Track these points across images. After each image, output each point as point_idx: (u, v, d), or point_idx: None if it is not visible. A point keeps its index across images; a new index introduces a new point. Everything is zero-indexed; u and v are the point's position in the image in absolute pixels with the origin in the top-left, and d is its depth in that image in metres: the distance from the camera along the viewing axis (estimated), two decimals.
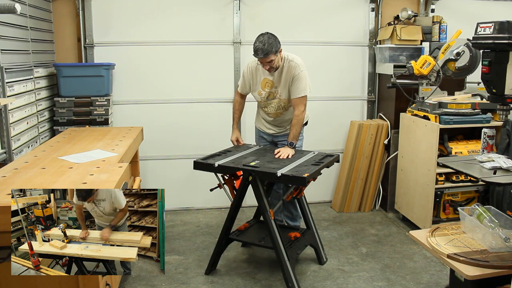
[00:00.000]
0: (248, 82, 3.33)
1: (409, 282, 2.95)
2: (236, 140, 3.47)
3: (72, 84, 3.67)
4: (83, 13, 3.92)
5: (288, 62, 3.18)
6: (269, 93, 3.27)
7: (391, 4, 4.31)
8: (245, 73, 3.33)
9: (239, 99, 3.46)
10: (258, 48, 3.02)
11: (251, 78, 3.30)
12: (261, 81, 3.26)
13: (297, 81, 3.16)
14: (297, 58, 3.22)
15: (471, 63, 3.42)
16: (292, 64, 3.17)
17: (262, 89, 3.27)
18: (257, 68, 3.26)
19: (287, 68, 3.18)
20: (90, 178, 2.17)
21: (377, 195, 4.31)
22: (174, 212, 4.25)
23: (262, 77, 3.25)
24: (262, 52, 3.01)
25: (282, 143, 3.40)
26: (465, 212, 2.38)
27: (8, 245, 1.79)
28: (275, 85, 3.23)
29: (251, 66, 3.30)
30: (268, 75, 3.22)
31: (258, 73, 3.26)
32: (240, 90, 3.42)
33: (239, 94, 3.46)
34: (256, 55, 3.05)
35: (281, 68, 3.19)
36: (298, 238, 3.06)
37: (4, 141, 2.75)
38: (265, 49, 3.00)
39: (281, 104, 3.28)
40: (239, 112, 3.49)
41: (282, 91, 3.24)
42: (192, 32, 4.08)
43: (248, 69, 3.32)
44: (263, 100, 3.32)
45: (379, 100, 4.43)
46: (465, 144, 3.61)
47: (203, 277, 3.05)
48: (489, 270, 2.03)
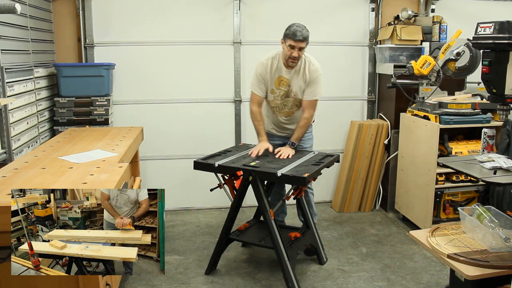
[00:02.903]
0: (262, 80, 3.19)
1: (409, 282, 2.95)
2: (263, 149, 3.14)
3: (72, 84, 3.67)
4: (83, 13, 3.92)
5: (308, 63, 3.14)
6: (283, 91, 3.20)
7: (391, 4, 4.31)
8: (260, 71, 3.19)
9: (258, 109, 3.23)
10: (297, 30, 2.96)
11: (266, 75, 3.18)
12: (275, 79, 3.19)
13: (315, 84, 3.13)
14: (315, 60, 3.18)
15: (471, 63, 3.42)
16: (312, 68, 3.13)
17: (276, 87, 3.20)
18: (272, 64, 3.16)
19: (307, 69, 3.13)
20: (90, 178, 2.17)
21: (377, 195, 4.31)
22: (174, 212, 4.25)
23: (276, 75, 3.18)
24: (301, 34, 2.96)
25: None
26: (465, 212, 2.38)
27: (8, 245, 1.79)
28: (289, 83, 3.17)
29: (265, 63, 3.17)
30: (284, 73, 3.15)
31: (273, 70, 3.17)
32: (257, 92, 3.22)
33: (256, 102, 3.23)
34: (295, 37, 2.96)
35: (299, 67, 3.13)
36: (298, 238, 3.06)
37: (4, 141, 2.75)
38: (304, 33, 2.97)
39: (295, 103, 3.24)
40: (263, 122, 3.25)
41: (297, 91, 3.18)
42: (192, 32, 4.08)
43: (261, 66, 3.19)
44: (276, 99, 3.24)
45: (379, 100, 4.43)
46: (465, 144, 3.61)
47: (203, 277, 3.05)
48: (489, 270, 2.03)
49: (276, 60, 3.17)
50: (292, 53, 3.02)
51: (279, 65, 3.16)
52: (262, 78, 3.20)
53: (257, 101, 3.25)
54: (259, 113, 3.24)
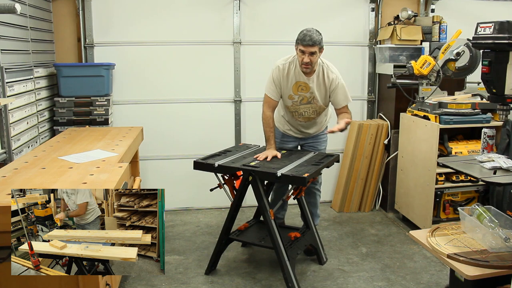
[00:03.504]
0: (278, 84, 3.09)
1: (409, 282, 2.95)
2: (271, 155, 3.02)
3: (72, 84, 3.67)
4: (83, 13, 3.92)
5: (327, 70, 3.07)
6: (303, 97, 3.11)
7: (391, 4, 4.31)
8: (275, 75, 3.08)
9: (270, 114, 3.11)
10: (306, 35, 2.88)
11: (282, 80, 3.08)
12: (293, 84, 3.10)
13: (340, 91, 3.08)
14: (333, 67, 3.13)
15: (471, 63, 3.42)
16: (331, 75, 3.07)
17: (294, 93, 3.11)
18: (289, 69, 3.06)
19: (326, 76, 3.07)
20: (90, 178, 2.17)
21: (377, 195, 4.31)
22: (174, 212, 4.25)
23: (294, 80, 3.08)
24: (310, 39, 2.87)
25: (308, 145, 3.38)
26: (465, 212, 2.38)
27: (8, 245, 1.79)
28: (310, 90, 3.08)
29: (281, 67, 3.08)
30: (304, 79, 3.07)
31: (290, 75, 3.07)
32: (272, 96, 3.11)
33: (270, 106, 3.12)
34: (303, 41, 2.88)
35: (318, 73, 3.06)
36: (298, 238, 3.06)
37: (4, 141, 2.75)
38: (313, 37, 2.88)
39: (316, 110, 3.18)
40: (274, 129, 3.15)
41: (319, 97, 3.12)
42: (192, 32, 4.08)
43: (278, 70, 3.08)
44: (295, 105, 3.16)
45: (379, 100, 4.43)
46: (465, 144, 3.61)
47: (203, 277, 3.05)
48: (489, 270, 2.03)
49: (293, 65, 3.08)
50: (304, 59, 2.93)
51: (296, 70, 3.06)
52: (278, 83, 3.10)
53: (271, 105, 3.15)
54: (272, 119, 3.14)
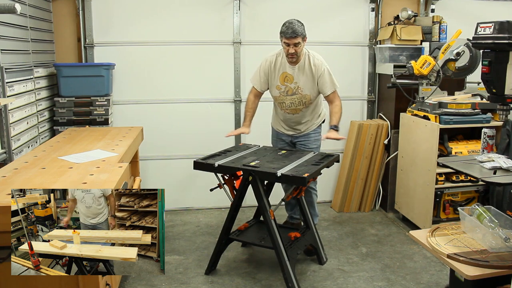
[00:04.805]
0: (265, 75, 3.27)
1: (409, 282, 2.95)
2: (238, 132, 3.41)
3: (72, 84, 3.67)
4: (83, 13, 3.92)
5: (312, 58, 3.17)
6: (289, 88, 3.23)
7: (391, 4, 4.31)
8: (263, 66, 3.27)
9: (253, 98, 3.36)
10: (288, 27, 2.99)
11: (270, 71, 3.25)
12: (280, 75, 3.23)
13: (326, 77, 3.17)
14: (318, 55, 3.23)
15: (471, 63, 3.42)
16: (316, 62, 3.17)
17: (281, 83, 3.24)
18: (276, 61, 3.22)
19: (312, 64, 3.17)
20: (90, 178, 2.17)
21: (377, 195, 4.31)
22: (174, 212, 4.25)
23: (281, 71, 3.22)
24: (292, 31, 2.97)
25: (301, 144, 3.41)
26: (465, 212, 2.38)
27: (8, 245, 1.79)
28: (294, 80, 3.20)
29: (269, 60, 3.25)
30: (288, 69, 3.19)
31: (277, 66, 3.23)
32: (256, 86, 3.33)
33: (253, 92, 3.36)
34: (286, 34, 3.00)
35: (303, 63, 3.17)
36: (298, 238, 3.06)
37: (4, 141, 2.75)
38: (294, 28, 2.98)
39: (302, 100, 3.26)
40: (253, 110, 3.36)
41: (304, 87, 3.21)
42: (192, 32, 4.08)
43: (266, 62, 3.26)
44: (282, 95, 3.28)
45: (379, 100, 4.43)
46: (465, 144, 3.61)
47: (203, 277, 3.05)
48: (489, 270, 2.03)
49: (280, 56, 3.24)
50: (288, 50, 3.07)
51: (283, 61, 3.21)
52: (264, 74, 3.27)
53: (254, 94, 3.37)
54: (252, 102, 3.35)
